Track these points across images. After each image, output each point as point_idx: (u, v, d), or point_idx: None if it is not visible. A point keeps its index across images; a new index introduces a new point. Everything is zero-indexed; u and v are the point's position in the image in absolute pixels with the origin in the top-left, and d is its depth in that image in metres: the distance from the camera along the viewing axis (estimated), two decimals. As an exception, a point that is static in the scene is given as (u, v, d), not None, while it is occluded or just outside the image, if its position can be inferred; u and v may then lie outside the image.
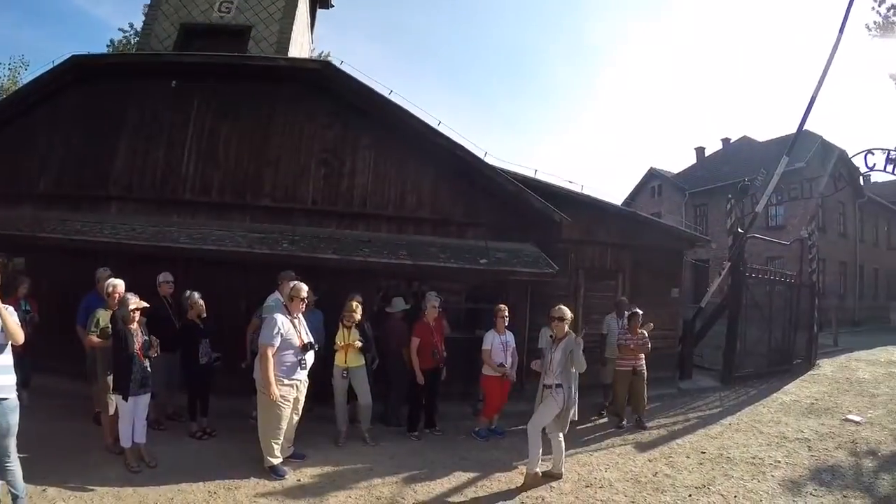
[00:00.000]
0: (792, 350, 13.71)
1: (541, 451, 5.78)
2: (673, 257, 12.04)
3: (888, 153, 13.02)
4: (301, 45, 13.25)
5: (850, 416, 9.25)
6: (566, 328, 5.96)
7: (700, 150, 38.54)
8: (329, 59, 12.14)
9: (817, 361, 14.69)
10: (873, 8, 16.33)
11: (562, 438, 5.94)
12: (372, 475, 5.71)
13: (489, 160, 9.48)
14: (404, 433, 7.17)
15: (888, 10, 16.20)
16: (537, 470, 5.75)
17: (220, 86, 9.21)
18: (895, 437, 8.23)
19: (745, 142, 34.70)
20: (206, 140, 9.07)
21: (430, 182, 9.33)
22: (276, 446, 5.58)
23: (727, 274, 12.62)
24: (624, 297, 9.78)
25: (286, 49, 11.12)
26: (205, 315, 6.54)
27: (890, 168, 13.03)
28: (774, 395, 10.83)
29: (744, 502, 5.62)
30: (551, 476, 5.88)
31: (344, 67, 9.13)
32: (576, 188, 10.68)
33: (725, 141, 37.18)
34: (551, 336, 6.26)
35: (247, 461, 5.71)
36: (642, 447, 7.31)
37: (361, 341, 6.59)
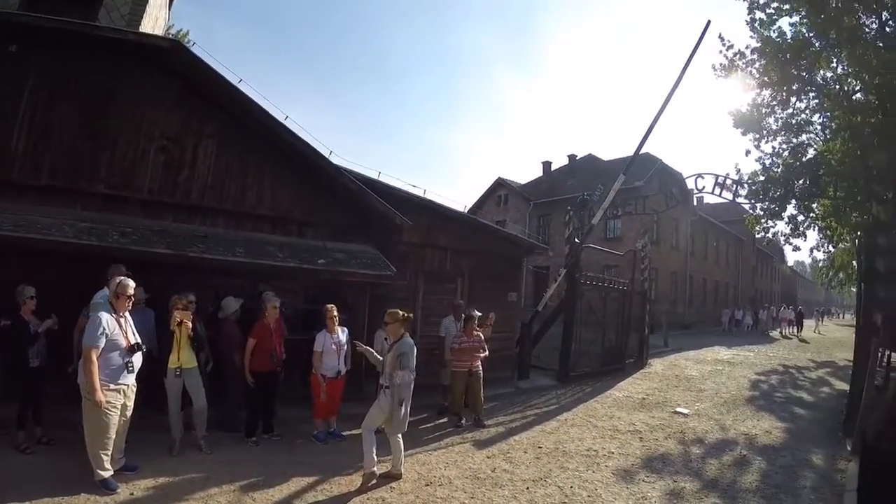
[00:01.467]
0: (625, 350, 14.95)
1: (375, 450, 5.77)
2: (511, 263, 12.68)
3: (716, 178, 14.88)
4: (156, 20, 12.54)
5: (679, 409, 10.25)
6: (400, 331, 6.02)
7: (547, 164, 41.00)
8: (184, 38, 11.62)
9: (649, 360, 16.24)
10: (721, 51, 18.75)
11: (400, 439, 6.00)
12: (209, 484, 5.51)
13: (335, 160, 9.47)
14: (242, 439, 6.93)
15: (734, 55, 18.63)
16: (374, 470, 5.75)
17: (62, 56, 8.22)
18: (720, 426, 9.27)
19: (590, 159, 37.56)
20: (40, 115, 8.09)
21: (273, 178, 9.05)
22: (105, 458, 5.20)
23: (563, 280, 13.51)
24: (461, 301, 10.11)
25: (139, 23, 10.45)
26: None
27: (717, 191, 14.88)
28: (608, 391, 11.72)
29: (579, 492, 5.91)
30: (391, 476, 5.92)
31: (195, 49, 8.66)
32: (418, 192, 11.03)
33: (572, 157, 39.91)
34: (386, 339, 6.44)
35: (77, 476, 5.26)
36: (481, 444, 7.52)
37: (191, 337, 6.34)
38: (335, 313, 7.35)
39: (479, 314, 9.00)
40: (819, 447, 8.19)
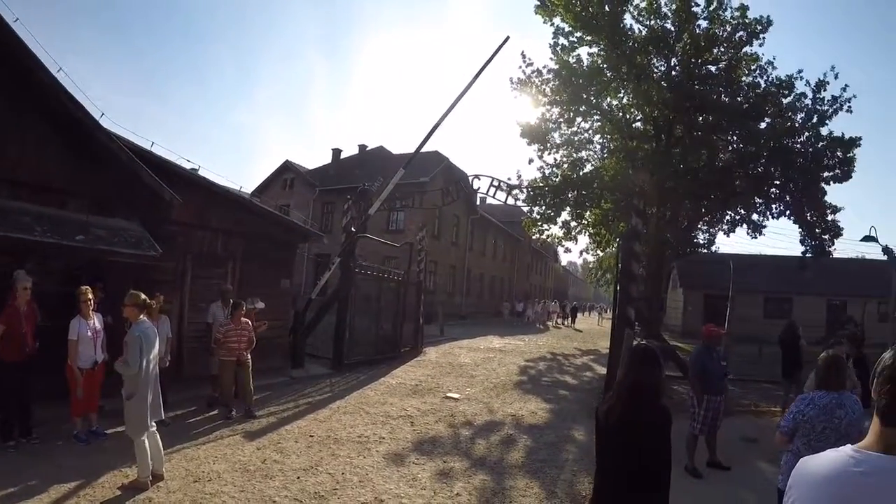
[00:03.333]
0: (400, 339, 15.91)
1: (150, 451, 5.54)
2: (286, 248, 12.87)
3: (492, 180, 16.30)
4: None
5: (450, 394, 11.05)
6: (139, 316, 5.67)
7: (337, 152, 41.59)
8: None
9: (424, 349, 17.34)
10: (520, 67, 20.62)
11: (158, 438, 5.72)
12: (-53, 505, 4.92)
13: (106, 124, 8.71)
14: (-4, 444, 6.31)
15: (533, 72, 20.53)
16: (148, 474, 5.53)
17: None
18: (489, 409, 10.13)
19: (381, 151, 38.98)
20: None
21: (35, 139, 8.02)
22: None
23: (337, 268, 13.96)
24: (229, 286, 10.11)
25: None
26: None
27: (492, 192, 16.31)
28: (382, 378, 12.31)
29: (351, 478, 6.07)
30: (154, 477, 5.62)
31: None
32: (196, 170, 10.68)
33: (363, 147, 41.09)
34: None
35: None
36: (252, 436, 7.49)
37: None
38: (90, 296, 6.88)
39: (262, 305, 9.14)
40: (580, 424, 9.22)
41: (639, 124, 21.81)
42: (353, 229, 14.40)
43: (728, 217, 22.88)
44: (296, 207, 34.09)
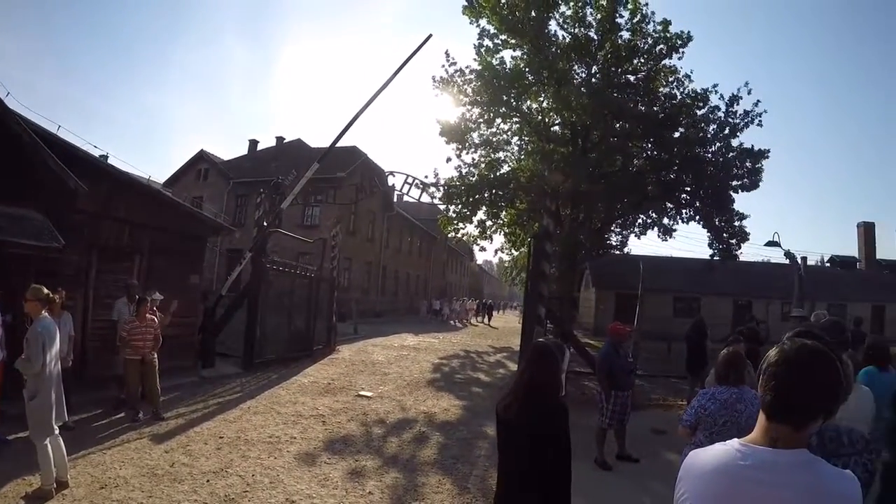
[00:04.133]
0: (313, 337, 15.81)
1: (53, 457, 5.33)
2: (195, 242, 12.50)
3: (406, 177, 16.43)
4: None
5: (363, 393, 11.12)
6: (43, 311, 5.49)
7: (254, 143, 41.03)
8: None
9: (337, 347, 17.37)
10: (444, 66, 20.83)
11: (60, 442, 5.50)
12: None
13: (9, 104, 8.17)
14: None
15: (455, 72, 20.76)
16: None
17: None
18: (401, 407, 10.28)
19: (298, 144, 38.52)
20: None
21: None
22: None
23: (247, 263, 13.77)
24: (135, 281, 9.79)
25: None
26: None
27: (406, 189, 16.47)
28: (294, 377, 12.28)
29: (262, 480, 6.07)
30: (59, 485, 5.43)
31: None
32: (104, 156, 10.31)
33: (280, 139, 40.57)
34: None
35: None
36: (159, 439, 7.36)
37: None
38: None
39: (162, 297, 8.89)
40: (492, 421, 9.15)
41: (557, 128, 22.64)
42: (265, 223, 14.24)
43: (640, 220, 24.10)
44: (209, 200, 33.17)
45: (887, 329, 29.38)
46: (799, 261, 17.79)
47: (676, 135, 20.11)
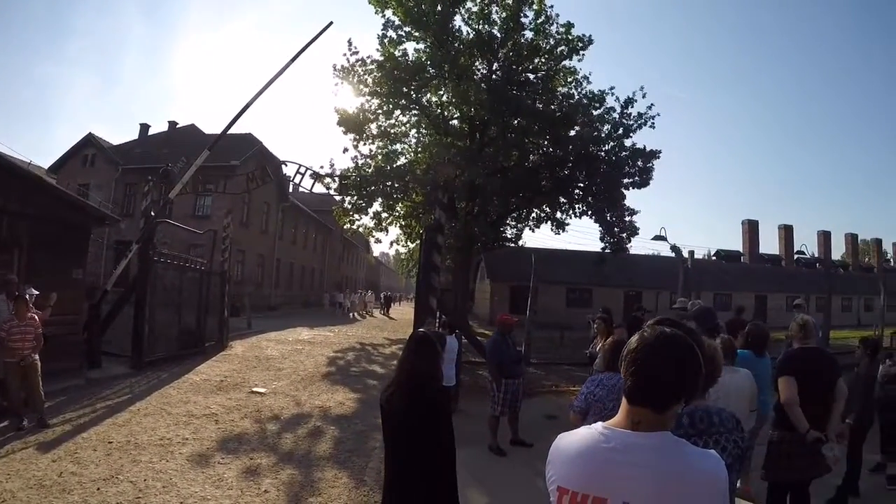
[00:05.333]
0: (204, 333, 15.45)
1: None
2: (79, 234, 11.82)
3: (298, 167, 16.24)
4: None
5: (256, 389, 11.01)
6: None
7: (145, 127, 39.05)
8: None
9: (230, 343, 17.05)
10: (345, 55, 20.71)
11: None
12: None
13: None
14: None
15: (357, 61, 20.64)
16: None
17: None
18: (296, 402, 10.25)
19: (192, 129, 36.95)
20: None
21: None
22: None
23: (134, 256, 13.27)
24: (14, 276, 9.13)
25: None
26: None
27: (298, 179, 16.28)
28: (185, 376, 11.98)
29: (154, 484, 5.91)
30: None
31: None
32: None
33: (172, 124, 38.84)
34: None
35: None
36: (46, 447, 7.02)
37: None
38: None
39: (38, 293, 8.50)
40: None
41: (455, 122, 23.03)
42: (152, 213, 13.69)
43: (534, 214, 24.95)
44: (96, 188, 31.30)
45: (769, 317, 31.84)
46: (686, 254, 19.00)
47: (572, 133, 20.99)
